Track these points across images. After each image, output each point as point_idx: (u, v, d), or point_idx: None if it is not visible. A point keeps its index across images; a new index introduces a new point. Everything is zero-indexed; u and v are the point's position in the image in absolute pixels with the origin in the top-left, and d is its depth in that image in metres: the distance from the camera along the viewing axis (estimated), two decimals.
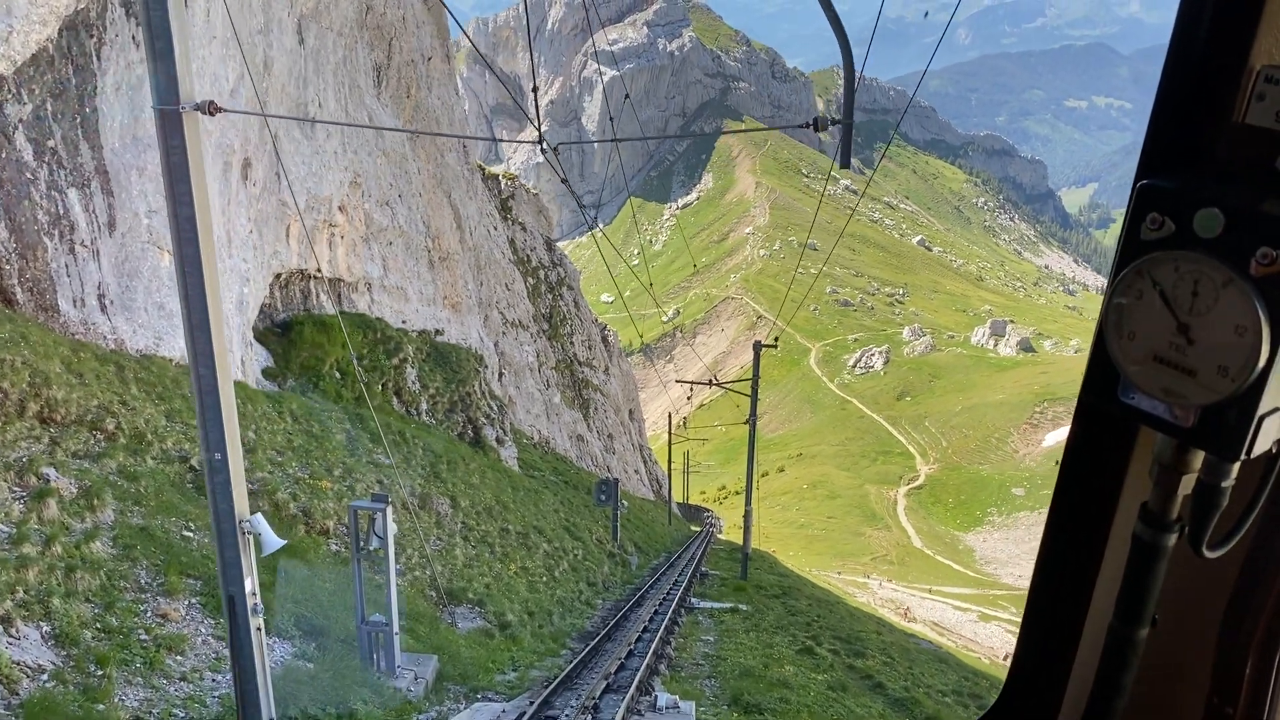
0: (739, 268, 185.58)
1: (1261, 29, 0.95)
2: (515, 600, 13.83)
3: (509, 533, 17.75)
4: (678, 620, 16.08)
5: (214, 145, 16.34)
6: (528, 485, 26.11)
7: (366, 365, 23.01)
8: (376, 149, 26.30)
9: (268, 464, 12.11)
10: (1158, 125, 1.03)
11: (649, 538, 33.92)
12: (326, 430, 15.69)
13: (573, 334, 58.76)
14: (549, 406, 46.10)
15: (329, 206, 23.20)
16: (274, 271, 21.23)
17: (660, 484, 65.57)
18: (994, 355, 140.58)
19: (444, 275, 31.58)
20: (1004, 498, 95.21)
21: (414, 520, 13.51)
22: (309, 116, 21.92)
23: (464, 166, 34.24)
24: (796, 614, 19.25)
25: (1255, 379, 0.88)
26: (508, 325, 43.99)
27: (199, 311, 5.52)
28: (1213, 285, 0.90)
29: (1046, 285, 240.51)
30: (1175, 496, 1.01)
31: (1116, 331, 1.01)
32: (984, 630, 49.52)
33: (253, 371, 19.02)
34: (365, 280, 26.09)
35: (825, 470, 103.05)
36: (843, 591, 45.74)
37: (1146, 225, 0.96)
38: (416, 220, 29.16)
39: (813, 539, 79.50)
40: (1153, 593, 1.08)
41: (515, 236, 57.02)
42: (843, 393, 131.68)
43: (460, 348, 30.59)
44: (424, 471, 17.26)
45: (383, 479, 14.65)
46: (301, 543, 10.43)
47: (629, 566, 24.95)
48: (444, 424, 25.14)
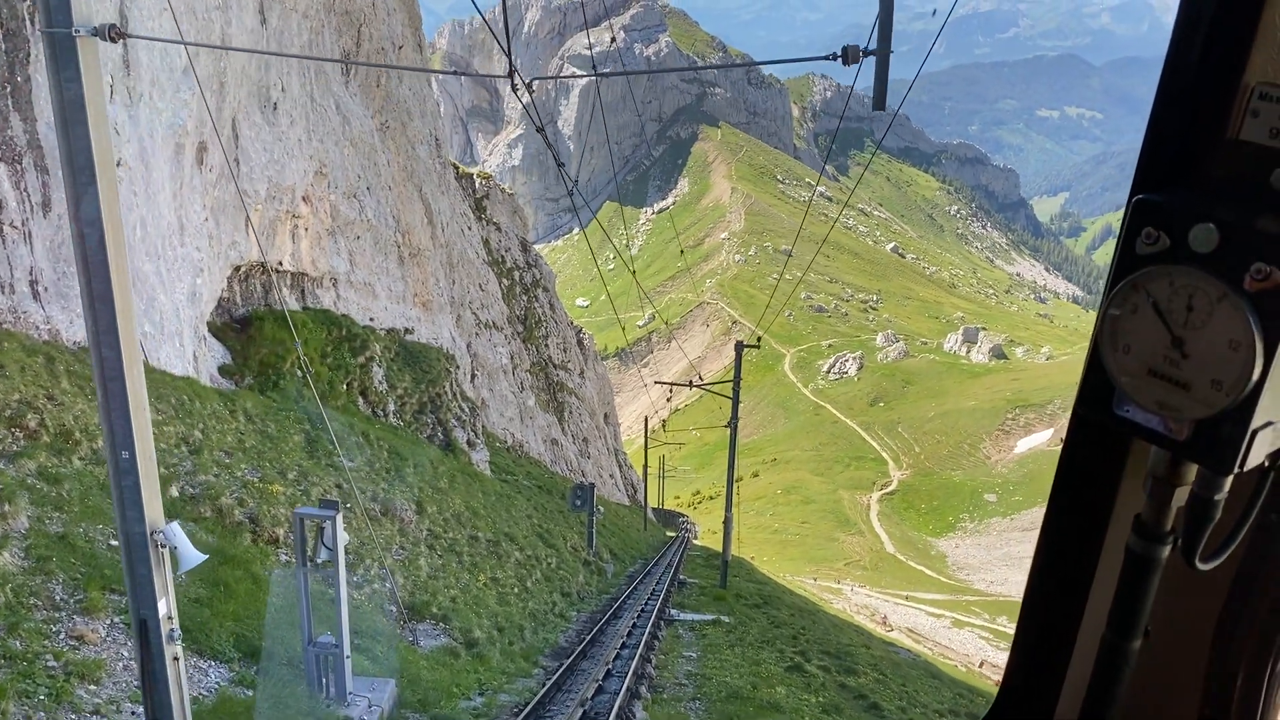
0: (714, 273, 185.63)
1: (1256, 45, 0.95)
2: (484, 614, 12.76)
3: (478, 541, 16.71)
4: (657, 634, 15.17)
5: (164, 125, 15.26)
6: (500, 490, 25.08)
7: (331, 364, 21.91)
8: (344, 138, 25.22)
9: (214, 466, 11.05)
10: (1153, 140, 1.03)
11: (625, 544, 33.03)
12: (284, 431, 14.59)
13: (548, 336, 57.90)
14: (523, 409, 45.16)
15: (292, 197, 22.08)
16: (232, 264, 20.08)
17: (635, 489, 64.84)
18: (966, 362, 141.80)
19: (414, 272, 30.50)
20: (976, 504, 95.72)
21: (374, 528, 12.49)
22: (270, 102, 20.83)
23: (436, 160, 33.18)
24: (780, 625, 18.40)
25: (1249, 393, 0.89)
26: (481, 326, 42.97)
27: (100, 279, 4.58)
28: (1207, 300, 0.91)
29: (1018, 293, 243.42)
30: (1168, 509, 1.03)
31: (1111, 344, 1.01)
32: (958, 637, 49.31)
33: (207, 368, 17.89)
34: (331, 275, 24.97)
35: (799, 475, 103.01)
36: (818, 598, 45.21)
37: (1142, 240, 0.97)
38: (386, 214, 28.08)
39: (786, 544, 79.19)
40: (1146, 604, 1.09)
41: (490, 237, 56.09)
42: (817, 398, 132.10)
43: (431, 347, 29.53)
44: (388, 475, 16.18)
45: (342, 483, 13.60)
46: (247, 553, 9.40)
47: (605, 574, 24.03)
48: (412, 426, 24.07)
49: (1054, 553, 1.30)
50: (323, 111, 24.01)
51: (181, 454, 10.91)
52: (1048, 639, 1.35)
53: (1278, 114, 0.93)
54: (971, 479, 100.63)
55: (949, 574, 74.85)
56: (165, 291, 15.07)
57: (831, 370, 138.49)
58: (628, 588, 21.92)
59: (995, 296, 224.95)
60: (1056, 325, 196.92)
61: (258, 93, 20.29)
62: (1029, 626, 1.38)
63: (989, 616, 56.02)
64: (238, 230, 19.93)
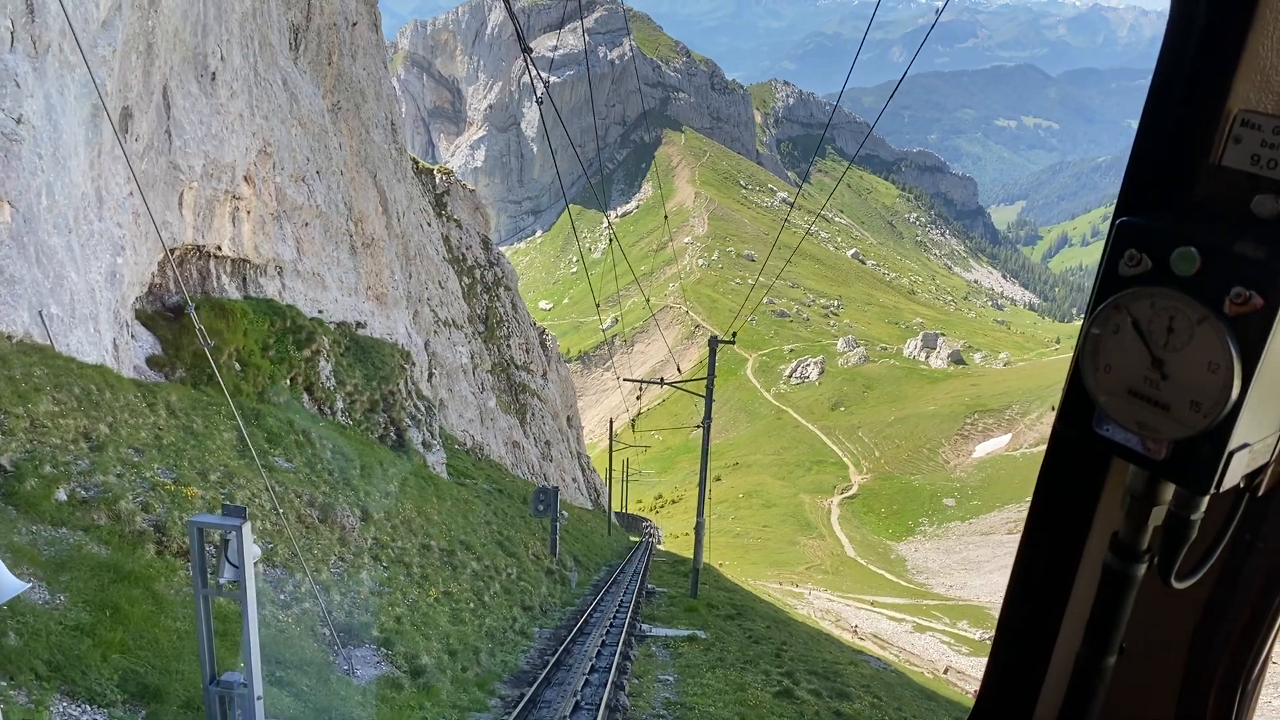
0: (677, 277, 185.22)
1: (1240, 73, 0.97)
2: (433, 636, 11.20)
3: (431, 550, 15.17)
4: (629, 654, 13.81)
5: (77, 83, 13.58)
6: (456, 494, 23.53)
7: (273, 357, 20.25)
8: (291, 116, 23.53)
9: (117, 464, 9.47)
10: (1137, 164, 1.05)
11: (589, 550, 31.65)
12: (212, 427, 12.98)
13: (510, 336, 56.38)
14: (483, 411, 43.58)
15: (232, 176, 20.37)
16: (164, 245, 18.32)
17: (599, 492, 63.53)
18: (926, 367, 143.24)
19: (367, 263, 28.82)
20: (935, 508, 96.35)
21: (310, 537, 10.98)
22: (208, 71, 19.15)
23: (392, 146, 31.51)
24: (758, 640, 17.18)
25: (1226, 415, 0.90)
26: (440, 324, 41.31)
27: None
28: (1188, 322, 0.93)
29: (976, 299, 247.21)
30: (1146, 527, 1.04)
31: (1092, 363, 1.02)
32: (920, 642, 48.91)
33: (130, 357, 16.16)
34: (276, 263, 23.25)
35: (761, 479, 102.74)
36: (783, 603, 44.39)
37: (1125, 261, 0.98)
38: (337, 200, 26.39)
39: (748, 548, 78.59)
40: (1121, 621, 1.10)
41: (450, 234, 54.47)
42: (778, 402, 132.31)
43: (384, 343, 27.88)
44: (331, 478, 14.58)
45: (275, 486, 12.03)
46: (148, 568, 7.87)
47: (568, 584, 22.65)
48: (363, 425, 22.45)
49: (1031, 568, 1.30)
50: (267, 86, 22.32)
51: (79, 450, 9.34)
52: (1024, 653, 1.34)
53: (1259, 141, 0.94)
54: (930, 483, 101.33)
55: (909, 578, 74.96)
56: (77, 269, 13.39)
57: (793, 375, 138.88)
58: (593, 598, 20.58)
59: (954, 303, 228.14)
60: (1013, 332, 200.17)
61: (193, 60, 18.59)
62: (1006, 641, 1.37)
63: (949, 621, 55.85)
64: (169, 208, 18.20)
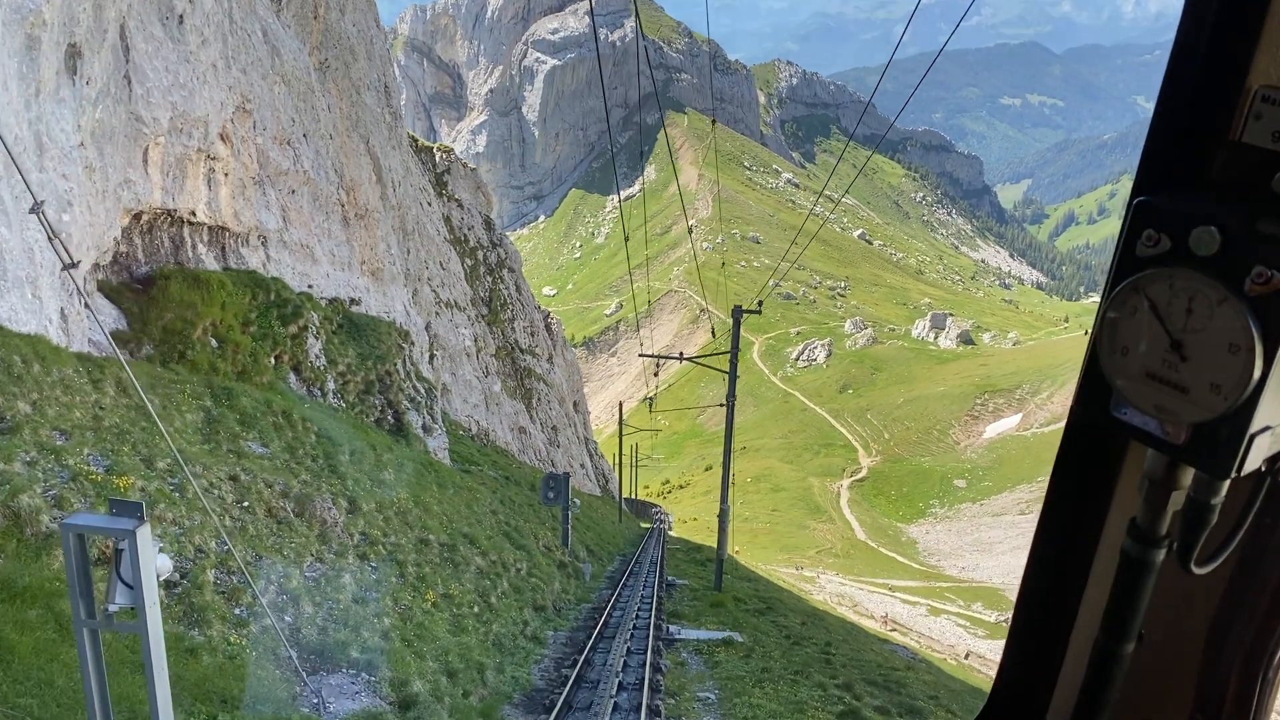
0: (681, 260, 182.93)
1: (1260, 48, 0.95)
2: (428, 653, 9.27)
3: (429, 545, 13.19)
4: (660, 664, 12.08)
5: (7, 5, 11.64)
6: (460, 482, 21.69)
7: (255, 333, 18.35)
8: (273, 72, 21.52)
9: (31, 450, 7.53)
10: (1155, 142, 1.03)
11: (600, 539, 29.87)
12: (172, 407, 11.10)
13: (514, 319, 54.54)
14: (488, 395, 41.78)
15: (205, 132, 18.38)
16: (126, 207, 16.37)
17: (606, 478, 61.89)
18: (934, 348, 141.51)
19: (361, 235, 26.87)
20: (946, 489, 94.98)
21: (281, 536, 9.07)
22: (174, 13, 17.15)
23: (385, 110, 29.48)
24: (800, 642, 15.26)
25: (1247, 397, 0.89)
26: (441, 305, 39.43)
27: None
28: (1207, 303, 0.91)
29: (984, 279, 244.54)
30: (1164, 513, 1.02)
31: (1109, 346, 1.00)
32: (937, 625, 47.45)
33: (85, 330, 14.28)
34: (259, 232, 21.31)
35: (769, 463, 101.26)
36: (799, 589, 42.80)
37: (1142, 242, 0.97)
38: (326, 167, 24.41)
39: (757, 532, 77.28)
40: (1139, 608, 1.09)
41: (451, 214, 52.58)
42: (786, 386, 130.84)
43: (381, 321, 25.97)
44: (315, 464, 12.61)
45: (244, 473, 10.13)
46: (51, 582, 5.97)
47: (582, 577, 20.86)
48: (357, 408, 20.60)
49: (1049, 554, 1.28)
50: (245, 37, 20.31)
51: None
52: (1041, 641, 1.33)
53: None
54: (941, 465, 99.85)
55: (920, 560, 73.67)
56: (9, 225, 11.49)
57: (800, 358, 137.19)
58: (610, 592, 18.77)
59: (961, 283, 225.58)
60: (1022, 311, 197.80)
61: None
62: (1023, 627, 1.36)
63: (963, 603, 54.48)
64: (132, 165, 16.23)
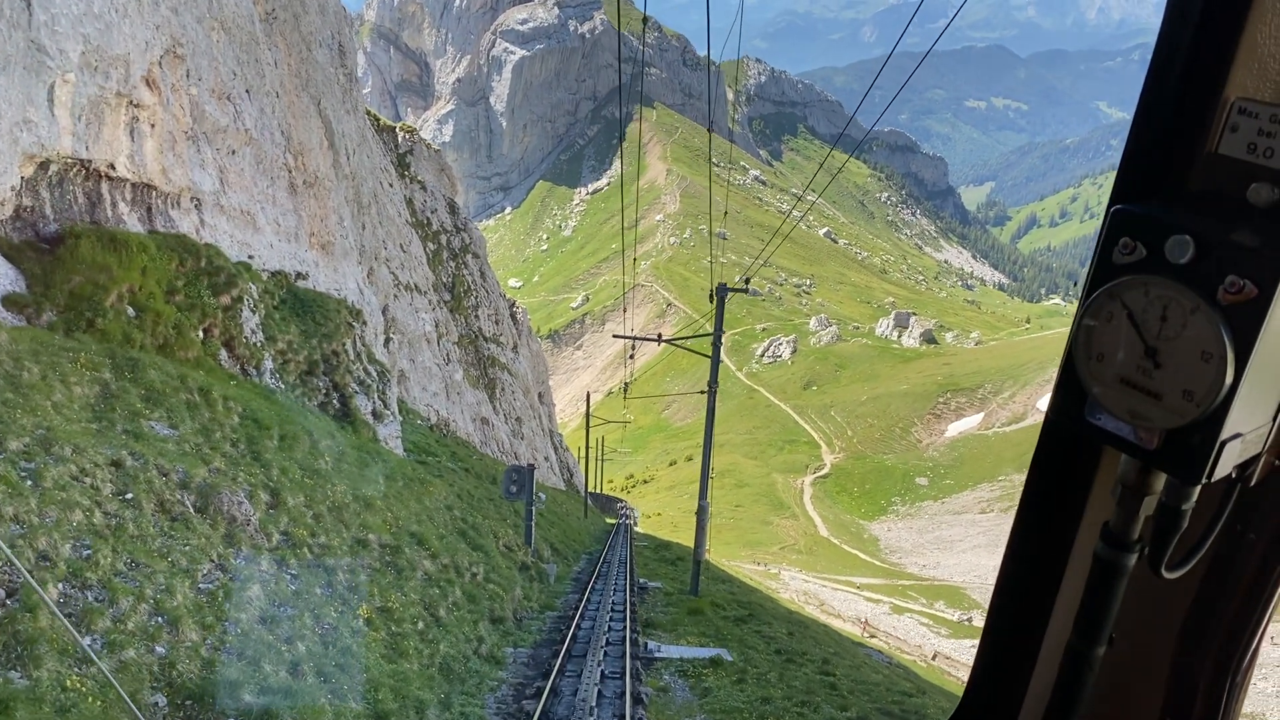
0: (649, 255, 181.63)
1: (1238, 61, 0.96)
2: (352, 690, 7.42)
3: (367, 547, 11.23)
4: (641, 695, 10.52)
5: None
6: (412, 474, 19.89)
7: (180, 303, 16.22)
8: (209, 15, 19.31)
9: None
10: (1133, 151, 1.04)
11: (566, 535, 28.27)
12: (55, 380, 9.10)
13: (478, 306, 52.62)
14: (449, 384, 39.90)
15: (126, 74, 16.20)
16: (26, 152, 14.18)
17: (571, 472, 60.23)
18: (897, 346, 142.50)
19: (310, 205, 24.77)
20: (908, 487, 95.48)
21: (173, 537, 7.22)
22: None
23: (339, 71, 27.27)
24: (792, 658, 13.77)
25: (1219, 404, 0.90)
26: (401, 288, 37.43)
27: None
28: (1181, 311, 0.93)
29: (946, 279, 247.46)
30: (1137, 517, 1.04)
31: (1085, 352, 1.01)
32: (902, 625, 47.18)
33: None
34: (192, 193, 19.15)
35: (733, 459, 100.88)
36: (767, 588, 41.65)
37: (1119, 249, 0.98)
38: (271, 127, 22.28)
39: (721, 528, 76.67)
40: (1111, 611, 1.10)
41: (414, 196, 50.46)
42: (750, 382, 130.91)
43: (329, 297, 23.95)
44: (231, 450, 10.56)
45: (130, 457, 8.19)
46: None
47: (547, 580, 19.24)
48: (298, 389, 18.65)
49: (1022, 558, 1.29)
50: None
51: None
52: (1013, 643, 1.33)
53: (1256, 129, 0.93)
54: (903, 462, 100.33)
55: (882, 557, 73.81)
56: None
57: (765, 354, 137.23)
58: (578, 597, 17.18)
59: (925, 282, 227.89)
60: (984, 311, 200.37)
61: None
62: (995, 631, 1.36)
63: (926, 601, 54.39)
64: (33, 104, 14.05)
